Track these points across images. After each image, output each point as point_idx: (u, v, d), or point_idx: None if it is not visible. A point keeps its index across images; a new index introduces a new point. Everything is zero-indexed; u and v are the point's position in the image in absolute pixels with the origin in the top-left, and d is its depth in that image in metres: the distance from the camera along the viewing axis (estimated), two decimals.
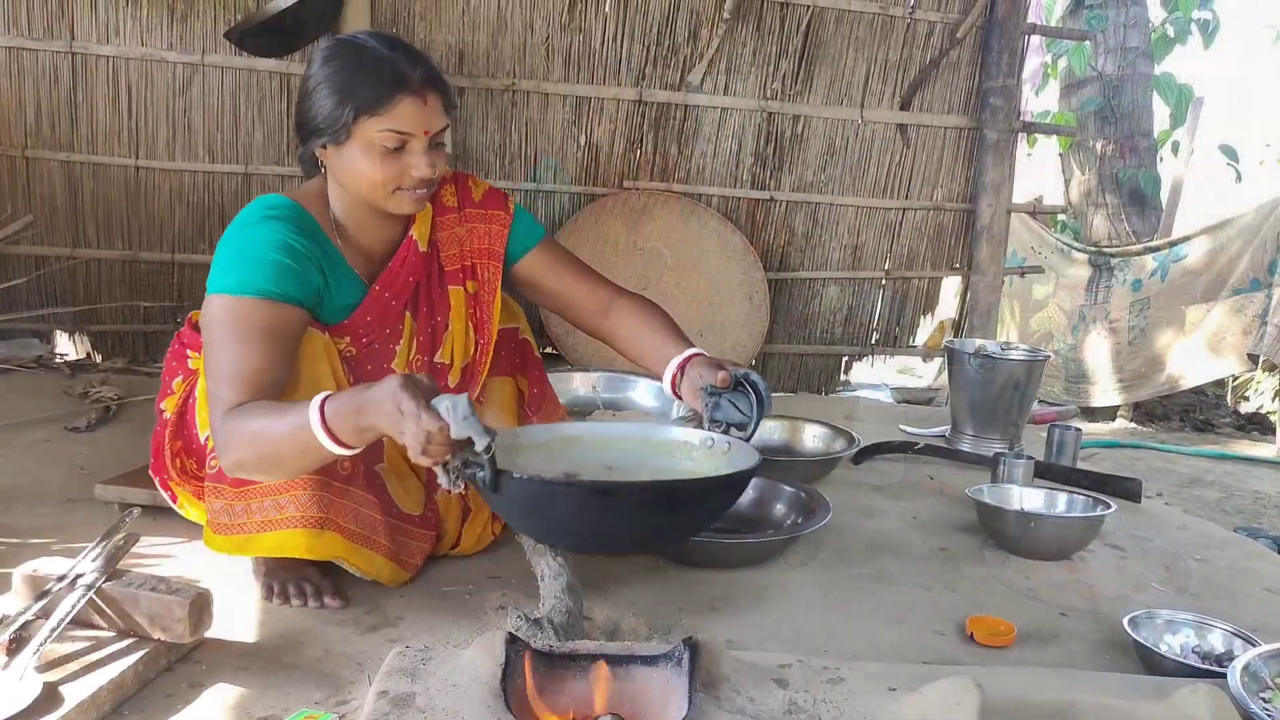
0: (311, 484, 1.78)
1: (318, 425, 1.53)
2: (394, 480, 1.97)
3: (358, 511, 1.85)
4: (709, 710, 1.30)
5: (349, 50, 1.79)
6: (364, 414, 1.51)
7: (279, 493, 1.78)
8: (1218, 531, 2.81)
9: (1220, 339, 5.73)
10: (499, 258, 2.06)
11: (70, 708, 1.34)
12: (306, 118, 1.81)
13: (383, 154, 1.76)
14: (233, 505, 1.80)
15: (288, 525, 1.78)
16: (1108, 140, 7.80)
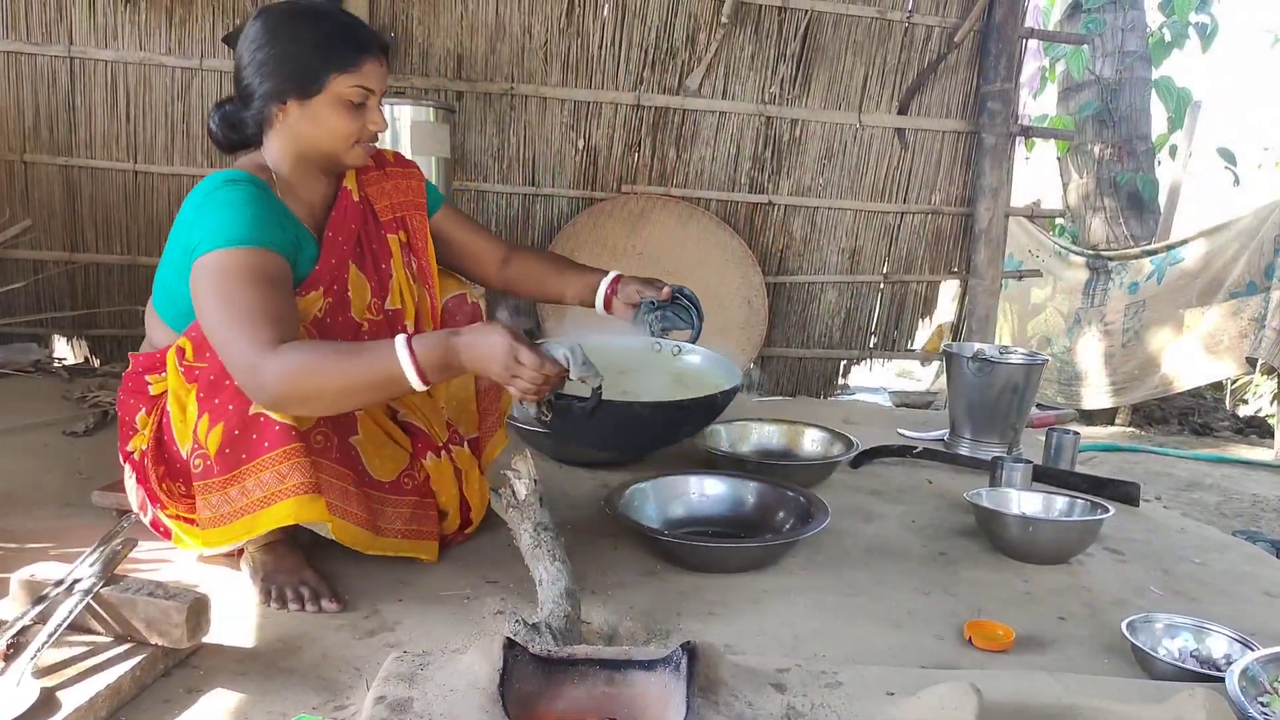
0: (296, 453, 1.77)
1: (408, 363, 1.68)
2: (369, 450, 1.98)
3: (330, 483, 1.86)
4: (707, 715, 1.30)
5: (313, 14, 1.92)
6: (463, 358, 1.71)
7: (271, 467, 1.77)
8: (1216, 535, 2.81)
9: (1216, 342, 5.73)
10: (423, 209, 2.21)
11: (67, 713, 1.34)
12: (271, 75, 1.89)
13: (349, 109, 1.90)
14: (227, 493, 1.79)
15: (288, 495, 1.77)
16: (1106, 144, 7.81)
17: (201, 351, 1.83)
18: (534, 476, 2.04)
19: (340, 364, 1.71)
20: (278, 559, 1.94)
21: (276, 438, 1.78)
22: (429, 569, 2.09)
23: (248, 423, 1.78)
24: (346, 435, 1.94)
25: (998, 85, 4.49)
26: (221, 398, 1.80)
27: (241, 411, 1.78)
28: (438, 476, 2.14)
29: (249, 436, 1.78)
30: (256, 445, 1.78)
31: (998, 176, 4.57)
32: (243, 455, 1.78)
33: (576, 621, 1.70)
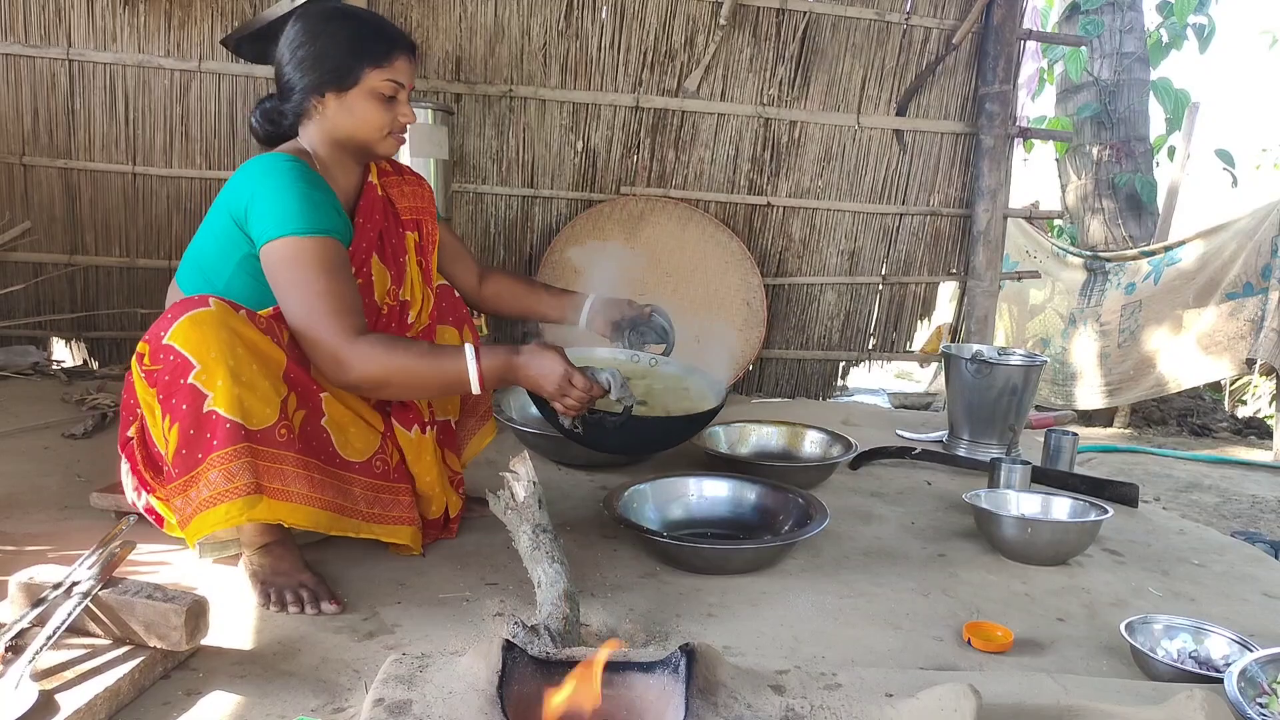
0: (243, 453, 1.79)
1: (474, 373, 1.91)
2: (336, 431, 1.99)
3: (296, 473, 1.87)
4: (705, 717, 1.30)
5: (347, 15, 2.09)
6: (520, 375, 1.96)
7: (219, 465, 1.78)
8: (1215, 536, 2.81)
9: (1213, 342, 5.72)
10: (434, 217, 2.37)
11: (66, 716, 1.34)
12: (310, 71, 2.02)
13: (381, 102, 2.04)
14: (187, 494, 1.80)
15: (235, 495, 1.78)
16: (1104, 145, 7.82)
17: (156, 355, 1.82)
18: (533, 479, 2.05)
19: (416, 363, 1.92)
20: (275, 561, 1.94)
21: (225, 436, 1.78)
22: (428, 571, 2.09)
23: (200, 420, 1.78)
24: (316, 419, 1.96)
25: (996, 87, 4.50)
26: (177, 397, 1.79)
27: (195, 409, 1.78)
28: (418, 452, 2.16)
29: (202, 435, 1.78)
30: (207, 444, 1.78)
31: (996, 178, 4.58)
32: (198, 455, 1.79)
33: (575, 623, 1.70)
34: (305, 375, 1.94)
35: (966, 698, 1.34)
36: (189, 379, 1.77)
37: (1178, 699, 1.41)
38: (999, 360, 3.43)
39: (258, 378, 1.82)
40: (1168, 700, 1.42)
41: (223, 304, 1.84)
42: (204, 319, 1.80)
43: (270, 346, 1.88)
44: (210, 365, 1.77)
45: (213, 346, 1.78)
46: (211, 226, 2.04)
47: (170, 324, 1.80)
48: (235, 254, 1.99)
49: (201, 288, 2.02)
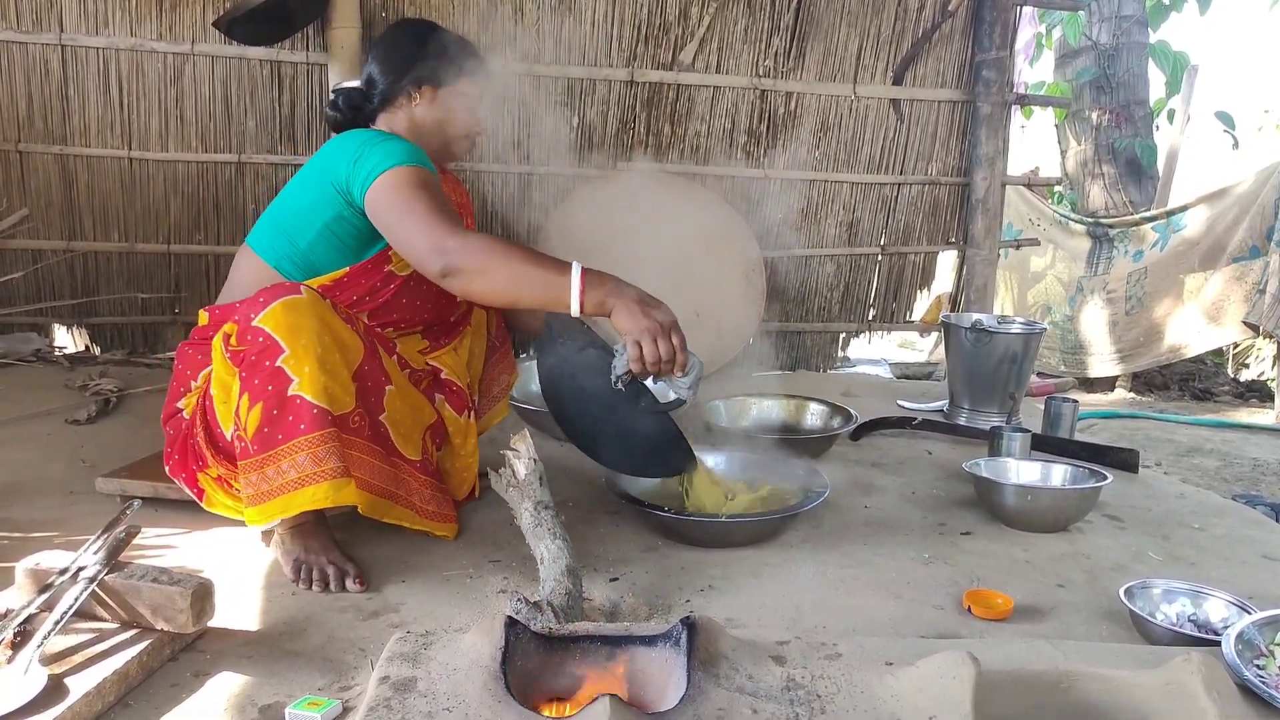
0: (331, 438, 1.86)
1: (576, 286, 1.87)
2: (393, 427, 2.05)
3: (362, 460, 1.95)
4: (707, 688, 1.32)
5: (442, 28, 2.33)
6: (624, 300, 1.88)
7: (306, 449, 1.84)
8: (1215, 500, 2.82)
9: (1220, 308, 5.73)
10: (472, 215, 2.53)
11: (75, 699, 1.36)
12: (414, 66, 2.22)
13: (468, 105, 2.28)
14: (264, 472, 1.85)
15: (325, 477, 1.84)
16: (1103, 110, 7.79)
17: (244, 335, 1.88)
18: (533, 456, 2.06)
19: (522, 259, 1.92)
20: (307, 539, 1.98)
21: (312, 421, 1.84)
22: (432, 550, 2.11)
23: (285, 403, 1.84)
24: (376, 415, 2.02)
25: (993, 53, 4.47)
26: (261, 378, 1.85)
27: (280, 392, 1.84)
28: (465, 436, 2.29)
29: (285, 418, 1.84)
30: (292, 427, 1.84)
31: (994, 145, 4.56)
32: (279, 436, 1.84)
33: (578, 598, 1.71)
34: (376, 367, 2.02)
35: (965, 665, 1.36)
36: (276, 362, 1.84)
37: (1175, 662, 1.42)
38: (998, 329, 3.44)
39: (339, 367, 1.90)
40: (1165, 664, 1.44)
41: (314, 293, 1.93)
42: (297, 305, 1.87)
43: (352, 337, 1.96)
44: (299, 352, 1.84)
45: (303, 333, 1.85)
46: (298, 190, 2.15)
47: (262, 308, 1.86)
48: (325, 215, 2.09)
49: (281, 248, 2.13)
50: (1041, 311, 6.68)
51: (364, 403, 1.97)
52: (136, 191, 4.12)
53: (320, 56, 4.04)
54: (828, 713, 1.31)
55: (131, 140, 4.06)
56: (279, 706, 1.45)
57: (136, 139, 4.07)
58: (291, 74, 4.10)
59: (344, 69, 3.87)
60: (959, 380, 3.53)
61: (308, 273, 2.11)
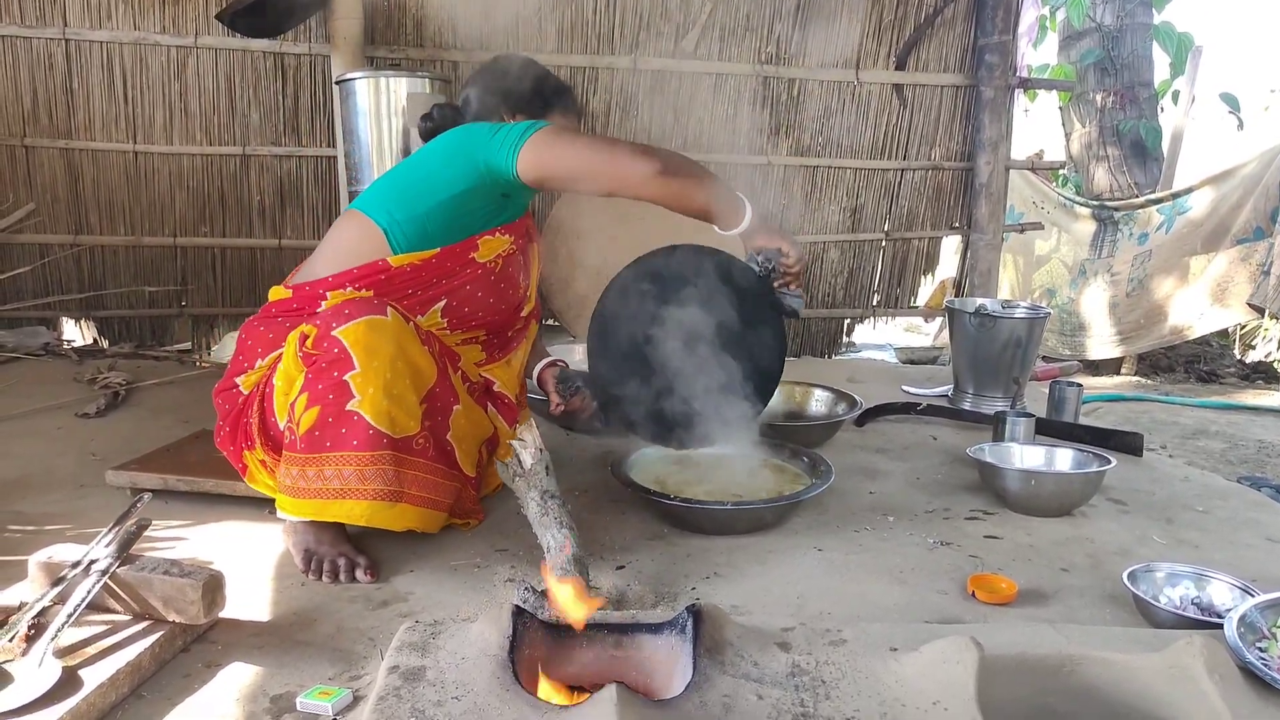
0: (388, 460, 1.89)
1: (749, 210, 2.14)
2: (458, 443, 2.09)
3: (424, 479, 1.99)
4: (713, 675, 1.33)
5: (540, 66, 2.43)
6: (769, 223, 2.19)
7: (353, 464, 1.88)
8: (1219, 482, 2.83)
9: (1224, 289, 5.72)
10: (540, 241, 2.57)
11: (90, 690, 1.37)
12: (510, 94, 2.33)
13: None
14: (305, 470, 1.89)
15: (365, 497, 1.88)
16: (1107, 92, 7.75)
17: (320, 342, 1.91)
18: (539, 446, 2.07)
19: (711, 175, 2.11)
20: (318, 531, 2.00)
21: (366, 440, 1.87)
22: (439, 540, 2.12)
23: (341, 415, 1.87)
24: (443, 434, 2.06)
25: (995, 38, 4.46)
26: (325, 384, 1.88)
27: (340, 403, 1.87)
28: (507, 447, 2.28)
29: (339, 429, 1.87)
30: (344, 440, 1.87)
31: (997, 130, 4.56)
32: (327, 443, 1.88)
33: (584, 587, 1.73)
34: (447, 388, 2.05)
35: (969, 650, 1.37)
36: (344, 376, 1.87)
37: (1177, 645, 1.43)
38: (1002, 313, 3.44)
39: (407, 392, 1.93)
40: (1168, 647, 1.45)
41: (398, 314, 1.96)
42: (379, 326, 1.91)
43: (427, 361, 2.00)
44: (369, 373, 1.87)
45: (377, 356, 1.88)
46: (427, 162, 2.16)
47: (346, 320, 1.89)
48: (457, 187, 2.11)
49: (398, 212, 2.12)
50: (1045, 295, 6.67)
51: (431, 422, 2.01)
52: (142, 185, 4.14)
53: (323, 48, 4.04)
54: (832, 698, 1.33)
55: (136, 134, 4.08)
56: (290, 696, 1.46)
57: (141, 133, 4.08)
58: (295, 66, 4.11)
59: (346, 60, 3.88)
60: (963, 365, 3.53)
61: (416, 241, 2.12)
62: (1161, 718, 1.37)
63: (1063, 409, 3.23)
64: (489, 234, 2.20)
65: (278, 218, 4.29)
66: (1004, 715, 1.35)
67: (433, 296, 2.15)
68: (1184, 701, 1.36)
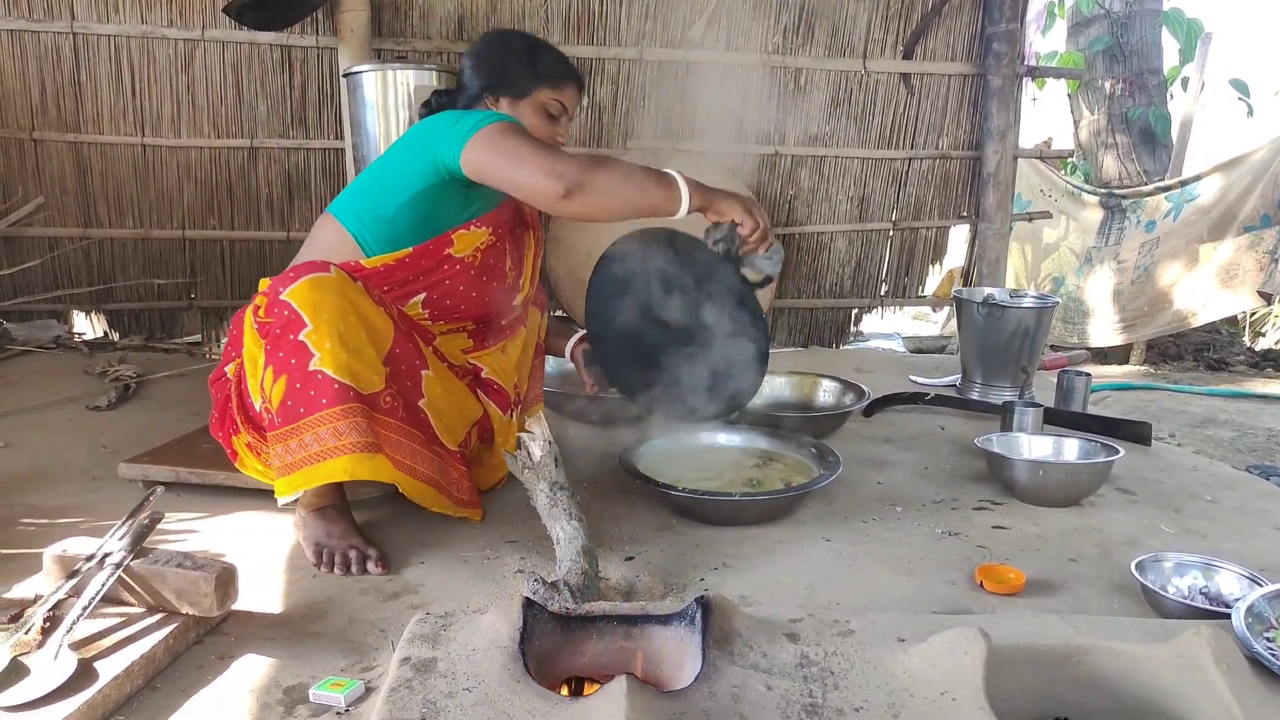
0: (354, 412, 1.88)
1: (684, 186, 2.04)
2: (434, 414, 2.09)
3: (399, 441, 1.97)
4: (722, 666, 1.34)
5: (536, 41, 2.35)
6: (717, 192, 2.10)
7: (327, 423, 1.87)
8: (1228, 472, 2.83)
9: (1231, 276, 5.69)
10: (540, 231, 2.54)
11: (105, 682, 1.39)
12: (494, 74, 2.28)
13: (545, 117, 2.28)
14: (289, 444, 1.89)
15: (345, 451, 1.87)
16: (1116, 79, 7.72)
17: (271, 308, 1.90)
18: (548, 438, 2.08)
19: (631, 169, 2.04)
20: (329, 524, 2.01)
21: (333, 396, 1.86)
22: (449, 531, 2.13)
23: (307, 378, 1.86)
24: (415, 398, 2.04)
25: (1003, 26, 4.45)
26: (284, 351, 1.87)
27: (302, 367, 1.86)
28: (506, 434, 2.32)
29: (307, 392, 1.87)
30: (315, 401, 1.87)
31: (1005, 118, 4.54)
32: (300, 410, 1.87)
33: (594, 578, 1.74)
34: (410, 351, 2.04)
35: (976, 640, 1.37)
36: (299, 335, 1.87)
37: (1185, 635, 1.44)
38: (1010, 303, 3.44)
39: (365, 346, 1.92)
40: (1175, 637, 1.45)
41: (342, 273, 1.95)
42: (323, 282, 1.90)
43: (382, 319, 1.98)
44: (321, 327, 1.87)
45: (325, 309, 1.87)
46: (391, 161, 2.16)
47: (291, 282, 1.89)
48: (418, 185, 2.09)
49: (366, 216, 2.14)
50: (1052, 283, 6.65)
51: (398, 385, 1.99)
52: (150, 178, 4.15)
53: (330, 40, 4.05)
54: (841, 689, 1.33)
55: (144, 127, 4.09)
56: (303, 687, 1.47)
57: (149, 125, 4.09)
58: (302, 58, 4.12)
59: (353, 52, 3.88)
60: (971, 355, 3.53)
61: (387, 244, 2.12)
62: (1169, 708, 1.37)
63: (1071, 398, 3.23)
64: (463, 228, 2.17)
65: (286, 210, 4.30)
66: (1012, 705, 1.36)
67: (410, 291, 2.14)
68: (1192, 691, 1.37)
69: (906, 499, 2.45)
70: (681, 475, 2.39)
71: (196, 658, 1.57)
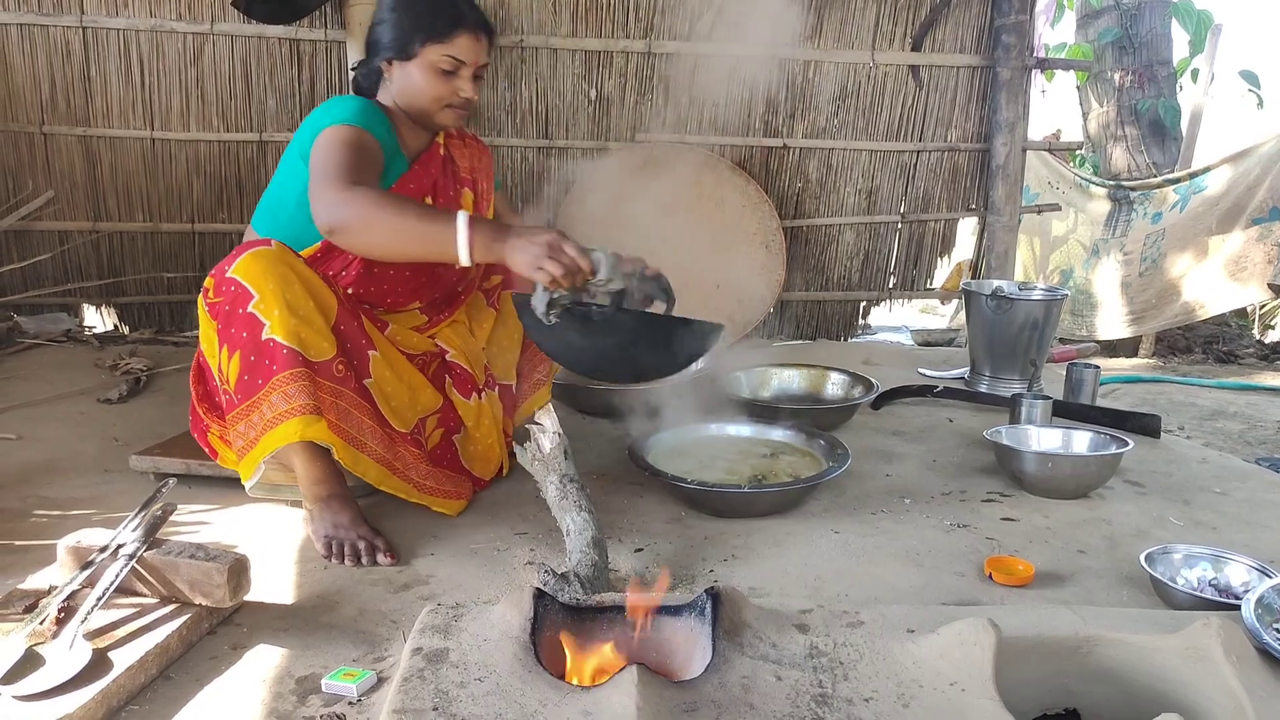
0: (300, 376, 1.89)
1: (464, 237, 1.81)
2: (380, 396, 2.08)
3: (347, 411, 1.98)
4: (732, 657, 1.35)
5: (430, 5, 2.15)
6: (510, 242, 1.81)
7: (279, 388, 1.88)
8: (1237, 464, 2.82)
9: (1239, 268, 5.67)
10: (492, 179, 2.49)
11: (120, 672, 1.40)
12: (380, 36, 2.18)
13: (439, 75, 2.15)
14: (250, 418, 1.91)
15: (295, 414, 1.88)
16: (1125, 71, 7.69)
17: (220, 287, 1.94)
18: (557, 430, 2.08)
19: (408, 213, 1.86)
20: (335, 514, 2.02)
21: (284, 360, 1.89)
22: (459, 523, 2.15)
23: (259, 347, 1.89)
24: (361, 377, 2.04)
25: (1012, 18, 4.43)
26: (236, 326, 1.90)
27: (255, 337, 1.89)
28: (478, 418, 2.30)
29: (262, 362, 1.89)
30: (267, 370, 1.89)
31: (1014, 111, 4.53)
32: (258, 380, 1.89)
33: (604, 569, 1.75)
34: (355, 330, 2.04)
35: (986, 631, 1.38)
36: (248, 308, 1.89)
37: (1194, 627, 1.44)
38: (1019, 296, 3.43)
39: (313, 314, 1.93)
40: (1184, 628, 1.45)
41: (283, 246, 1.97)
42: (264, 254, 1.93)
43: (324, 290, 1.99)
44: (267, 296, 1.89)
45: (270, 279, 1.90)
46: (282, 167, 2.21)
47: (234, 259, 1.93)
48: (299, 187, 2.10)
49: (268, 225, 2.19)
50: (1060, 276, 6.63)
51: (347, 358, 2.00)
52: (159, 171, 4.16)
53: (339, 34, 4.05)
54: (850, 679, 1.34)
55: (154, 120, 4.10)
56: (315, 678, 1.48)
57: (158, 119, 4.10)
58: (310, 52, 4.12)
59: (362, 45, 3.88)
60: (980, 347, 3.53)
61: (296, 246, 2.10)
62: (1178, 698, 1.37)
63: (1080, 391, 3.22)
64: None
65: None
66: (1021, 696, 1.37)
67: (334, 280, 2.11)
68: (1201, 682, 1.37)
69: (915, 491, 2.46)
70: (690, 467, 2.39)
71: (210, 648, 1.59)
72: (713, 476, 2.34)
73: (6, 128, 4.01)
